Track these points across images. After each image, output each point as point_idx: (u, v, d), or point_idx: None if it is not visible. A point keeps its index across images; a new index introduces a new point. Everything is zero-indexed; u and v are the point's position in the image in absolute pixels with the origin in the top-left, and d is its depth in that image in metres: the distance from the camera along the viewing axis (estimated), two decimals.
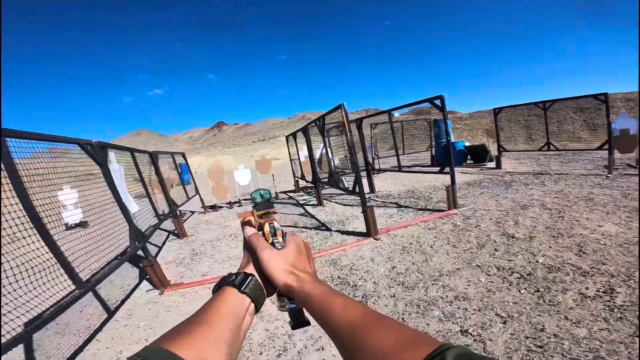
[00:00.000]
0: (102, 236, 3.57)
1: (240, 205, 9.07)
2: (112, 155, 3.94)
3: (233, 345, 0.41)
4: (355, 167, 4.22)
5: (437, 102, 4.75)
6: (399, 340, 0.33)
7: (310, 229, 5.48)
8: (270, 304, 2.96)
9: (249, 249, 0.56)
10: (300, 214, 6.73)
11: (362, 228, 4.68)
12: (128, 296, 3.86)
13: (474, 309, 2.51)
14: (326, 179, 6.78)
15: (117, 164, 4.06)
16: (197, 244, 5.71)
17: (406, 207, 5.83)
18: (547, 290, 2.63)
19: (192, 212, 9.14)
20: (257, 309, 0.49)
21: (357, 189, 4.41)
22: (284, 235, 0.58)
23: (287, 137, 9.88)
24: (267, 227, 0.58)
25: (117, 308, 3.55)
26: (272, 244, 0.55)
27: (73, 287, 2.53)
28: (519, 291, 2.67)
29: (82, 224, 5.97)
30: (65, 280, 2.51)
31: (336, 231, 5.06)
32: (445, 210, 5.15)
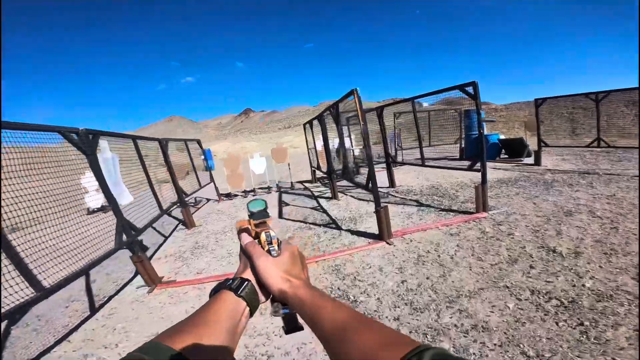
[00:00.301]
0: (90, 230, 3.35)
1: (255, 194, 8.80)
2: (103, 143, 3.67)
3: (229, 346, 0.44)
4: (369, 161, 3.70)
5: (469, 89, 4.09)
6: (380, 342, 0.36)
7: (320, 225, 5.05)
8: (259, 315, 2.61)
9: (246, 255, 0.59)
10: (312, 208, 6.30)
11: (375, 228, 4.17)
12: (117, 292, 3.64)
13: (494, 344, 2.00)
14: (341, 171, 6.29)
15: (109, 152, 3.79)
16: (202, 236, 5.47)
17: (427, 206, 5.23)
18: (593, 324, 2.06)
19: (208, 200, 9.00)
20: (251, 313, 0.52)
21: (370, 186, 3.89)
22: (279, 243, 0.61)
23: (304, 124, 9.41)
24: (263, 236, 0.62)
25: (102, 305, 3.33)
26: (268, 251, 0.58)
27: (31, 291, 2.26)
28: (557, 323, 2.12)
29: (103, 209, 5.93)
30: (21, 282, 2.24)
31: (346, 230, 4.59)
32: (472, 213, 4.52)
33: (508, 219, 4.22)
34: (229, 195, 9.00)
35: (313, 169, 9.67)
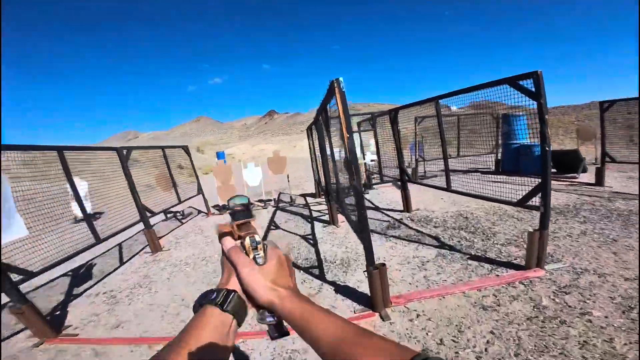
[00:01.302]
0: None
1: (253, 207, 7.59)
2: None
3: None
4: (357, 194, 2.34)
5: (527, 83, 2.60)
6: (380, 354, 0.36)
7: (299, 268, 3.72)
8: None
9: (230, 263, 0.55)
10: (303, 236, 4.97)
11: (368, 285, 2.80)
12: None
13: None
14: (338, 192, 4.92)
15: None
16: (158, 267, 4.38)
17: (451, 248, 3.73)
18: None
19: (199, 212, 7.96)
20: (240, 323, 0.50)
21: (360, 228, 2.52)
22: (265, 248, 0.57)
23: (307, 129, 8.10)
24: (247, 241, 0.57)
25: None
26: (254, 258, 0.55)
27: None
28: None
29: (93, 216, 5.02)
30: None
31: (330, 283, 3.24)
32: (520, 268, 3.03)
33: (578, 282, 2.71)
34: (224, 207, 7.88)
35: (316, 181, 8.34)
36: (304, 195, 8.60)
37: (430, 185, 4.69)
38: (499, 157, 8.56)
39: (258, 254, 0.55)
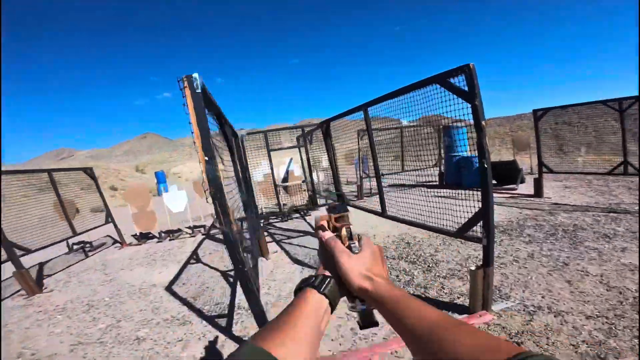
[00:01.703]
0: None
1: (177, 235, 6.49)
2: None
3: (315, 342, 0.45)
4: (229, 245, 1.58)
5: (456, 80, 2.09)
6: (479, 344, 0.34)
7: (199, 318, 2.83)
8: None
9: (326, 252, 0.58)
10: (224, 272, 4.09)
11: None
12: None
13: None
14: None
15: None
16: (25, 313, 3.69)
17: None
18: None
19: (115, 242, 6.67)
20: (332, 309, 0.52)
21: (247, 285, 1.74)
22: (359, 239, 0.60)
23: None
24: (344, 231, 0.61)
25: None
26: (349, 247, 0.58)
27: None
28: None
29: None
30: None
31: (234, 339, 2.42)
32: (465, 311, 2.45)
33: (532, 325, 2.20)
34: (146, 237, 6.66)
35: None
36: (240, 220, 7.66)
37: (366, 209, 4.08)
38: (442, 170, 8.41)
39: (354, 244, 0.59)
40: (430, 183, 8.88)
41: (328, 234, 0.61)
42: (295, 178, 6.96)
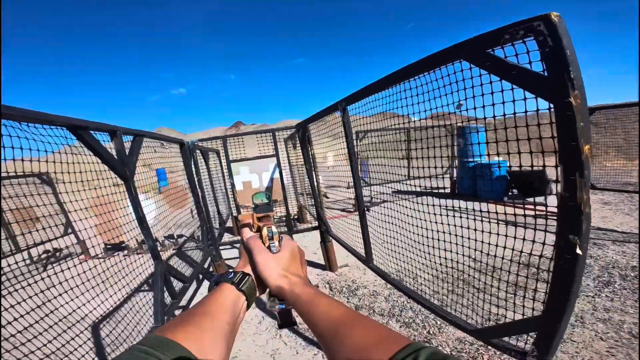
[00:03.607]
0: None
1: (160, 245, 5.63)
2: None
3: (230, 338, 0.44)
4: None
5: (515, 49, 0.94)
6: (373, 337, 0.37)
7: None
8: None
9: (246, 250, 0.60)
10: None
11: None
12: None
13: None
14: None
15: None
16: None
17: None
18: None
19: (81, 254, 5.88)
20: (248, 306, 0.53)
21: None
22: (280, 239, 0.62)
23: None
24: (265, 231, 0.62)
25: None
26: (269, 247, 0.59)
27: None
28: None
29: None
30: None
31: None
32: None
33: None
34: (115, 248, 5.89)
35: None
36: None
37: (347, 248, 2.97)
38: (455, 178, 7.31)
39: (273, 243, 0.60)
40: (441, 191, 7.84)
41: (248, 233, 0.64)
42: (248, 192, 5.88)
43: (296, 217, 6.11)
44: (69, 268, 2.01)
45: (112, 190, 2.40)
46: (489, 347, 1.93)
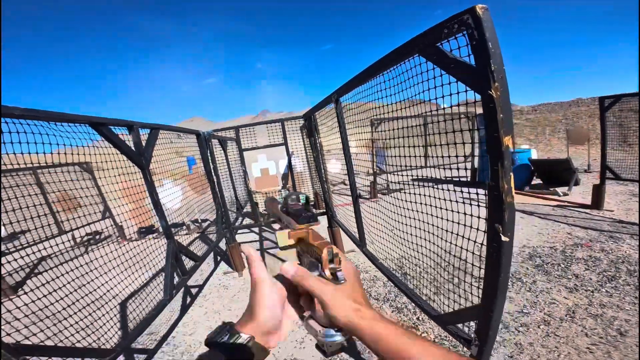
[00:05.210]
0: None
1: (187, 228, 6.18)
2: None
3: None
4: None
5: (453, 44, 1.00)
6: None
7: None
8: None
9: (302, 292, 0.51)
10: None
11: None
12: None
13: None
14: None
15: None
16: None
17: None
18: None
19: (118, 236, 6.49)
20: None
21: None
22: (339, 260, 0.48)
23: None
24: (325, 253, 0.47)
25: None
26: (334, 275, 0.47)
27: None
28: None
29: None
30: None
31: None
32: None
33: None
34: (148, 230, 6.47)
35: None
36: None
37: (346, 232, 3.07)
38: (476, 166, 7.14)
39: (339, 270, 0.47)
40: (461, 179, 7.69)
41: (290, 267, 0.49)
42: (269, 181, 6.08)
43: (312, 202, 6.30)
44: (106, 253, 2.31)
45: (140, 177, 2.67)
46: None
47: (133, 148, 2.28)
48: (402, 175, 1.81)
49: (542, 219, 4.40)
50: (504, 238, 0.96)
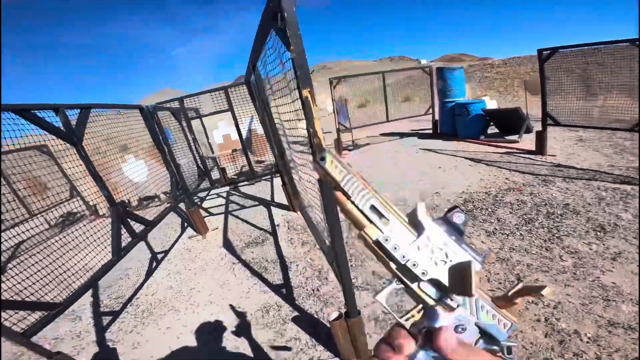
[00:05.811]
0: None
1: (147, 203, 6.22)
2: None
3: None
4: None
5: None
6: None
7: None
8: None
9: None
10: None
11: None
12: None
13: None
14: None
15: None
16: None
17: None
18: None
19: (91, 216, 6.48)
20: None
21: None
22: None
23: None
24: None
25: None
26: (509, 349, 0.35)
27: None
28: None
29: None
30: None
31: None
32: None
33: None
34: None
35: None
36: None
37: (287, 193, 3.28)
38: (436, 117, 7.32)
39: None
40: (424, 131, 7.93)
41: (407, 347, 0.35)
42: (231, 146, 6.10)
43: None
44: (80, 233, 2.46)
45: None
46: None
47: (63, 128, 2.34)
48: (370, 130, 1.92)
49: (488, 166, 4.68)
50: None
